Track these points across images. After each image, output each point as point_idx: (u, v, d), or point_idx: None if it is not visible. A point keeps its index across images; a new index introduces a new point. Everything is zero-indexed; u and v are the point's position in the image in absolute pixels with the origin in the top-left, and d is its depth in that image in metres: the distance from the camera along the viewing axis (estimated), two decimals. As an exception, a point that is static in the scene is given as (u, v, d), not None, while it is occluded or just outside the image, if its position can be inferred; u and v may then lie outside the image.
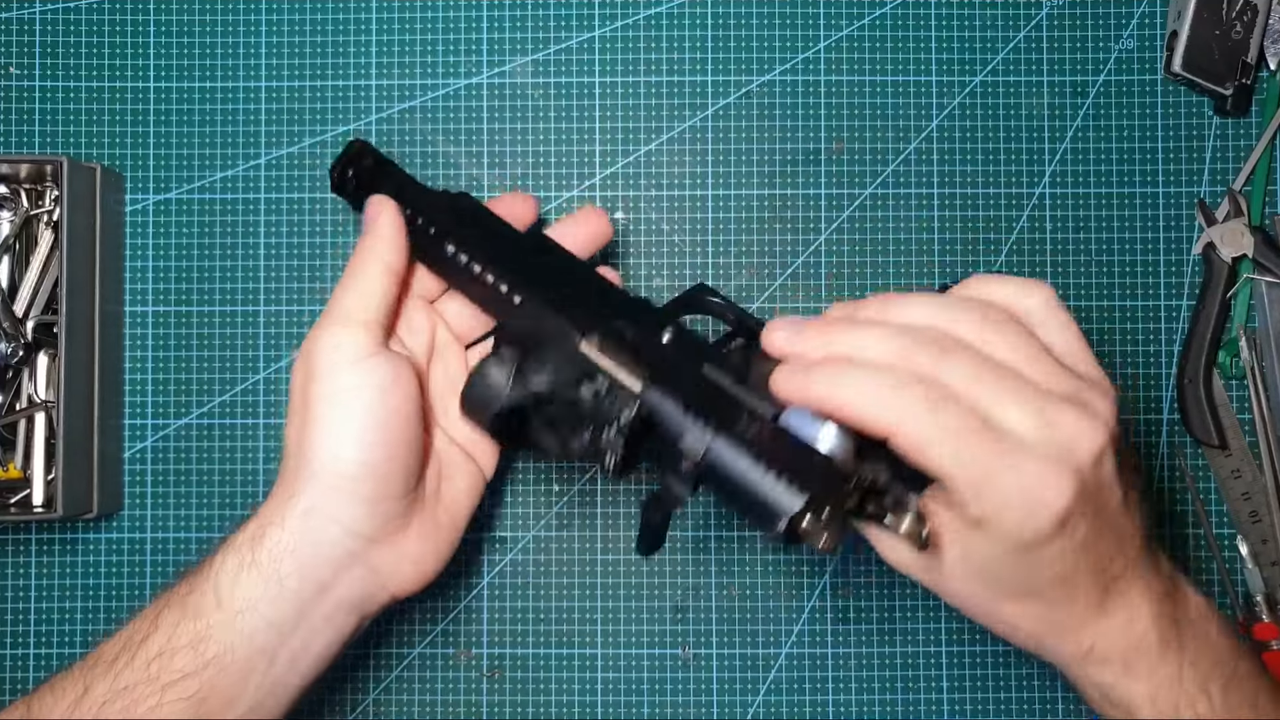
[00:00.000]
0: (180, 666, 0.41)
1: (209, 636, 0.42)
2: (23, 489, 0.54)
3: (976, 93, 0.58)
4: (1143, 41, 0.58)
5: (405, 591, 0.46)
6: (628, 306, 0.46)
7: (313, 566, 0.43)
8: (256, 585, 0.42)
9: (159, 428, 0.57)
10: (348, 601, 0.44)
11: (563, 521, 0.57)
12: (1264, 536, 0.56)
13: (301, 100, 0.57)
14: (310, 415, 0.44)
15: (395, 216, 0.47)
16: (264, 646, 0.42)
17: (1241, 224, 0.56)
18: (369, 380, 0.44)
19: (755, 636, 0.57)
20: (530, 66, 0.58)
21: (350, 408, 0.43)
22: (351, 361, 0.44)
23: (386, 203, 0.48)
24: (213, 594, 0.42)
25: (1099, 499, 0.38)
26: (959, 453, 0.36)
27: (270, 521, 0.43)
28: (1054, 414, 0.37)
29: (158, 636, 0.42)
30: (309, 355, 0.44)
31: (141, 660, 0.42)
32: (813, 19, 0.58)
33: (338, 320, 0.45)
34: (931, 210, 0.57)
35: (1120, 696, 0.41)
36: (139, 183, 0.57)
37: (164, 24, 0.58)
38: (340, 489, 0.43)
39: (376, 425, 0.43)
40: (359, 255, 0.47)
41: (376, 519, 0.44)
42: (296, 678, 0.44)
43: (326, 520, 0.43)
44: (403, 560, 0.46)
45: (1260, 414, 0.56)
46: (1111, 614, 0.40)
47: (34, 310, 0.54)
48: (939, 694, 0.56)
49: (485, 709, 0.56)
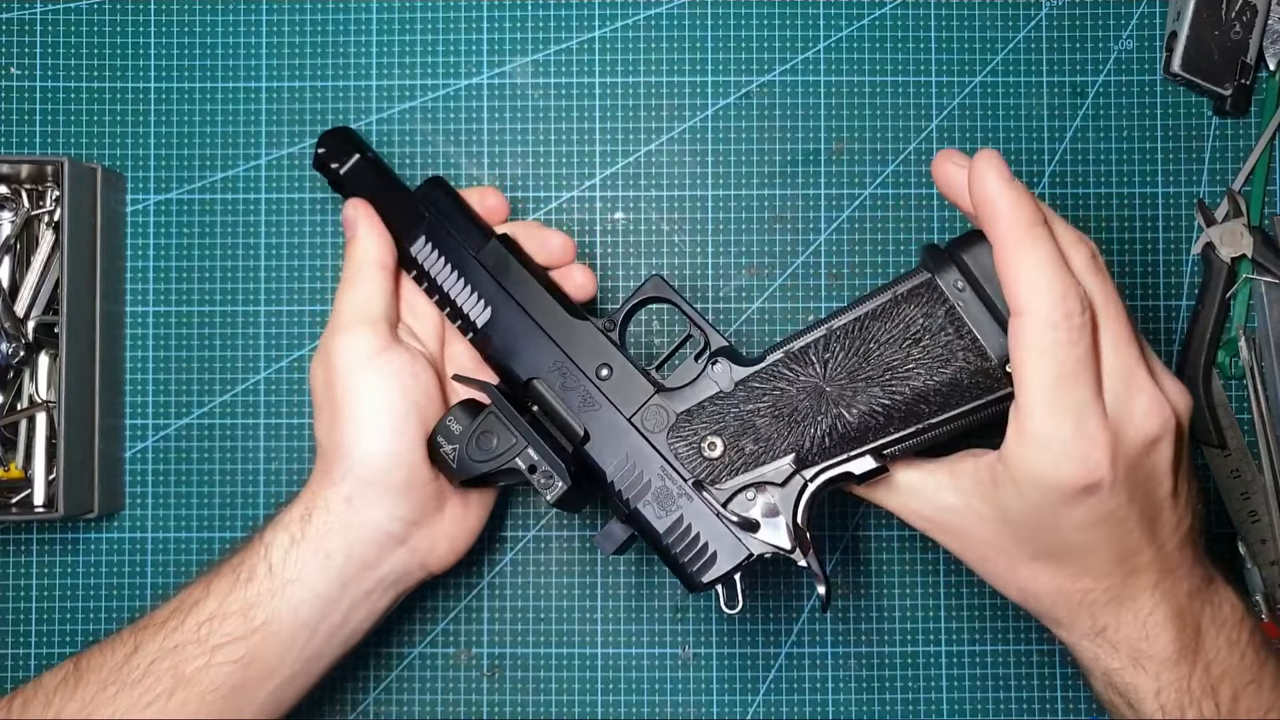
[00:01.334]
0: (230, 631, 0.44)
1: (259, 604, 0.44)
2: (24, 489, 0.54)
3: (976, 93, 0.58)
4: (1142, 42, 0.58)
5: (441, 568, 0.49)
6: (569, 331, 0.47)
7: (359, 546, 0.46)
8: (306, 559, 0.45)
9: (160, 427, 0.57)
10: (388, 579, 0.47)
11: (563, 521, 0.57)
12: (1263, 536, 0.56)
13: (302, 100, 0.57)
14: (337, 413, 0.46)
15: (372, 217, 0.49)
16: (308, 618, 0.45)
17: (1241, 224, 0.56)
18: (386, 375, 0.46)
19: (755, 636, 0.57)
20: (530, 67, 0.58)
21: (372, 403, 0.46)
22: (367, 359, 0.46)
23: (361, 205, 0.49)
24: (264, 564, 0.45)
25: (1141, 482, 0.38)
26: (1059, 364, 0.37)
27: (316, 505, 0.46)
28: (1140, 382, 0.38)
29: (210, 601, 0.45)
30: (327, 359, 0.47)
31: (192, 623, 0.44)
32: (813, 19, 0.58)
33: (346, 322, 0.47)
34: (931, 210, 0.57)
35: (1125, 684, 0.41)
36: (140, 183, 0.57)
37: (164, 24, 0.58)
38: (375, 480, 0.46)
39: (400, 417, 0.46)
40: (350, 259, 0.48)
41: (413, 503, 0.47)
42: (333, 649, 0.46)
43: (366, 506, 0.46)
44: (439, 539, 0.48)
45: (1259, 414, 0.56)
46: (1127, 602, 0.40)
47: (35, 310, 0.54)
48: (939, 694, 0.56)
49: (485, 708, 0.56)
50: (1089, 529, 0.38)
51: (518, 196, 0.57)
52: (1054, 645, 0.56)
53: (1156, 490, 0.39)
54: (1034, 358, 0.37)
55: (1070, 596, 0.40)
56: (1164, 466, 0.39)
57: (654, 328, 0.57)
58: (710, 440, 0.44)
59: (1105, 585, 0.40)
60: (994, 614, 0.56)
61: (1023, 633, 0.56)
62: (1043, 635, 0.56)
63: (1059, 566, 0.40)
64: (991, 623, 0.56)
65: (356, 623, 0.47)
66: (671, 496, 0.44)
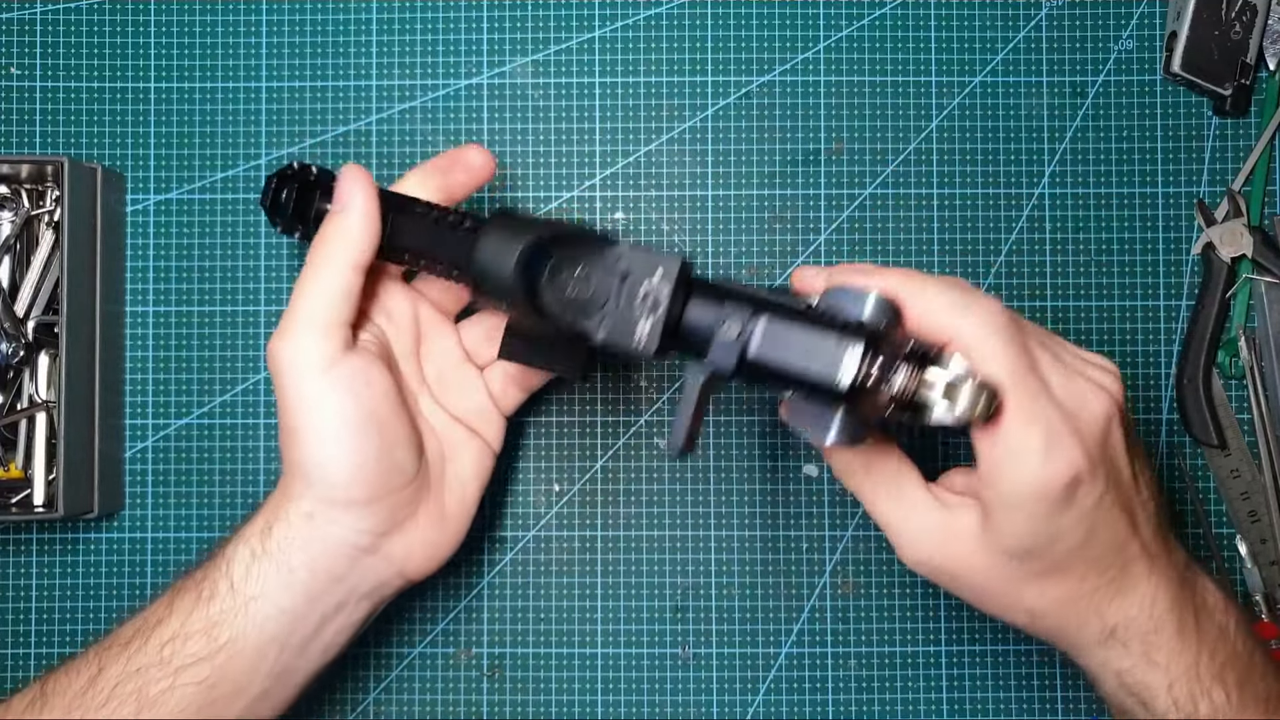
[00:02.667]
0: (193, 651, 0.42)
1: (222, 622, 0.42)
2: (23, 489, 0.54)
3: (976, 93, 0.58)
4: (1142, 42, 0.58)
5: (420, 574, 0.46)
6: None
7: (323, 561, 0.43)
8: (268, 574, 0.43)
9: (160, 427, 0.57)
10: (360, 590, 0.45)
11: (563, 521, 0.57)
12: (1263, 536, 0.56)
13: (302, 100, 0.57)
14: (288, 425, 0.43)
15: (370, 191, 0.44)
16: (275, 634, 0.43)
17: (1240, 224, 0.56)
18: (338, 387, 0.42)
19: (755, 636, 0.57)
20: (530, 67, 0.58)
21: (324, 415, 0.42)
22: (318, 370, 0.42)
23: (361, 175, 0.44)
24: (226, 581, 0.43)
25: (1111, 468, 0.39)
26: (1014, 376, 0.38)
27: (276, 519, 0.43)
28: (1075, 367, 0.40)
29: (172, 621, 0.43)
30: (274, 364, 0.43)
31: (155, 643, 0.42)
32: (813, 19, 0.58)
33: (299, 326, 0.43)
34: (931, 210, 0.57)
35: (1137, 683, 0.41)
36: (140, 183, 0.57)
37: (164, 24, 0.58)
38: (335, 498, 0.43)
39: (354, 430, 0.42)
40: (323, 244, 0.43)
41: (379, 515, 0.44)
42: (307, 664, 0.44)
43: (327, 523, 0.43)
44: (414, 546, 0.45)
45: (1259, 414, 0.56)
46: (1131, 593, 0.41)
47: (35, 310, 0.54)
48: (939, 694, 0.56)
49: (485, 708, 0.56)
50: (1084, 523, 0.39)
51: (518, 197, 0.57)
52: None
53: (1122, 475, 0.40)
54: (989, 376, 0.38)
55: (1079, 601, 0.41)
56: (1120, 448, 0.40)
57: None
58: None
59: (1109, 577, 0.40)
60: (994, 614, 0.57)
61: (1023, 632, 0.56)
62: (1043, 635, 0.56)
63: (1065, 573, 0.40)
64: (991, 623, 0.56)
65: (330, 635, 0.44)
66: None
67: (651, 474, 0.57)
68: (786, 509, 0.57)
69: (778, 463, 0.57)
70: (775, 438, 0.57)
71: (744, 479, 0.57)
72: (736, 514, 0.57)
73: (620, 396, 0.57)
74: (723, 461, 0.57)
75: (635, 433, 0.57)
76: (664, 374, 0.57)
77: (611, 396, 0.57)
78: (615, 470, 0.57)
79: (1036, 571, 0.40)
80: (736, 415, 0.57)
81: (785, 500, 0.57)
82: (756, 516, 0.57)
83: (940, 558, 0.42)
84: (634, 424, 0.57)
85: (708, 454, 0.57)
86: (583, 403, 0.57)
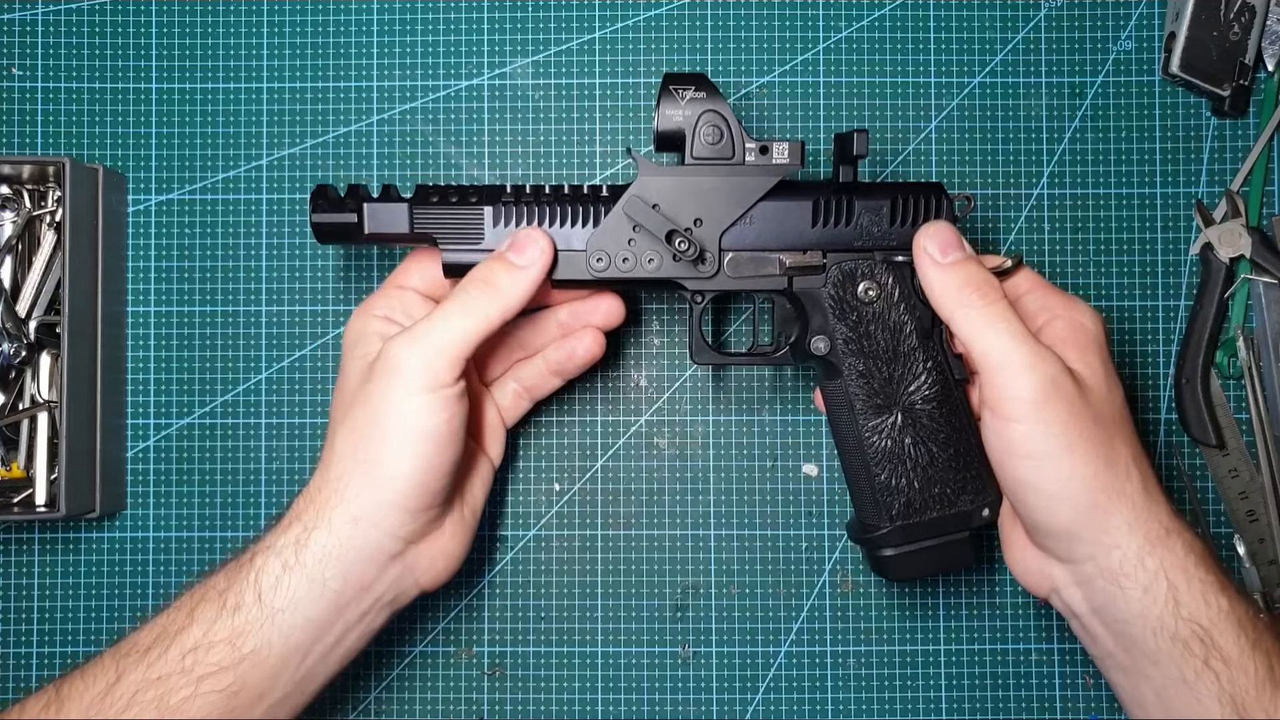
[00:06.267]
0: (216, 660, 0.43)
1: (247, 632, 0.43)
2: (25, 489, 0.54)
3: (976, 93, 0.58)
4: (1141, 43, 0.58)
5: (434, 584, 0.48)
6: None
7: (357, 569, 0.45)
8: (300, 586, 0.44)
9: (161, 427, 0.57)
10: (385, 598, 0.46)
11: (563, 521, 0.57)
12: (1261, 535, 0.56)
13: (302, 101, 0.58)
14: (375, 430, 0.44)
15: (548, 261, 0.47)
16: (300, 643, 0.44)
17: (1239, 224, 0.56)
18: (436, 408, 0.44)
19: (755, 636, 0.57)
20: (530, 67, 0.58)
21: (416, 429, 0.44)
22: (427, 389, 0.44)
23: (547, 244, 0.47)
24: (253, 591, 0.44)
25: (1095, 380, 0.44)
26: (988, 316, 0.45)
27: (315, 526, 0.44)
28: (1055, 299, 0.47)
29: (194, 630, 0.43)
30: (393, 360, 0.45)
31: (176, 652, 0.43)
32: (813, 19, 0.58)
33: (435, 347, 0.45)
34: (931, 210, 0.57)
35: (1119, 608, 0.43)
36: (141, 183, 0.57)
37: (164, 25, 0.58)
38: (393, 503, 0.45)
39: (436, 447, 0.45)
40: (490, 286, 0.46)
41: (419, 524, 0.46)
42: (327, 669, 0.46)
43: (371, 526, 0.45)
44: (436, 556, 0.48)
45: (1257, 414, 0.56)
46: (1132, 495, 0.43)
47: (37, 311, 0.55)
48: (939, 694, 0.56)
49: (485, 707, 0.56)
50: (1087, 409, 0.43)
51: (518, 197, 0.58)
52: (1054, 645, 0.56)
53: (1114, 395, 0.45)
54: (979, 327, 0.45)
55: (1110, 482, 0.43)
56: (1105, 368, 0.45)
57: (665, 319, 0.57)
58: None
59: (1125, 459, 0.44)
60: (994, 614, 0.57)
61: (1023, 633, 0.57)
62: (1043, 635, 0.56)
63: (1093, 449, 0.43)
64: (991, 623, 0.57)
65: (351, 643, 0.46)
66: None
67: (651, 474, 0.57)
68: (786, 509, 0.57)
69: (778, 463, 0.57)
70: (775, 438, 0.57)
71: (744, 479, 0.57)
72: (736, 514, 0.57)
73: (620, 396, 0.57)
74: (723, 461, 0.57)
75: (635, 433, 0.57)
76: (664, 374, 0.57)
77: (612, 396, 0.57)
78: (615, 470, 0.57)
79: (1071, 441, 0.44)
80: (737, 415, 0.57)
81: (785, 500, 0.57)
82: (756, 516, 0.57)
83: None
84: (634, 424, 0.57)
85: (708, 454, 0.57)
86: (583, 403, 0.57)
